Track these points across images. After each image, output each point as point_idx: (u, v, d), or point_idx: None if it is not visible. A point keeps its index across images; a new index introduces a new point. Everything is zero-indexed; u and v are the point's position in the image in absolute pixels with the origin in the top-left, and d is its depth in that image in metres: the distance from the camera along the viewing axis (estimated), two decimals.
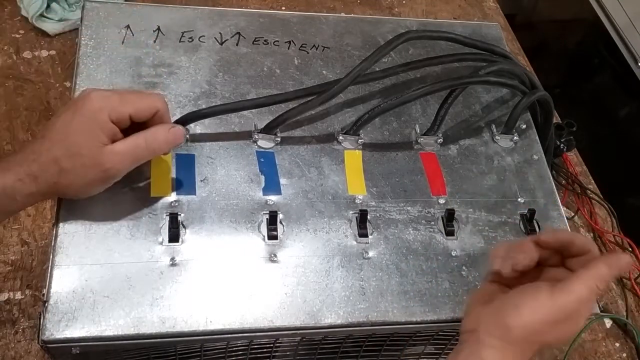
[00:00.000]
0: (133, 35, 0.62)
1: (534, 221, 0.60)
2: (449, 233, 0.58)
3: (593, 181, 0.95)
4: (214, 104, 0.59)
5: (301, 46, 0.67)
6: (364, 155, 0.61)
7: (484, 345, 0.44)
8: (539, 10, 1.65)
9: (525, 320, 0.43)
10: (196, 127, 0.58)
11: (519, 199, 0.61)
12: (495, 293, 0.47)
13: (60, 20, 0.90)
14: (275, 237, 0.54)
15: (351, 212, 0.57)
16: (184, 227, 0.53)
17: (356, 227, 0.56)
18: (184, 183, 0.55)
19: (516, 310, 0.44)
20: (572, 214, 0.90)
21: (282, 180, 0.57)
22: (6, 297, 0.67)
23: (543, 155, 0.66)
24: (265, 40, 0.67)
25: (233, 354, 0.54)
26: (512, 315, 0.43)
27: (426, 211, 0.59)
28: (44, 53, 0.89)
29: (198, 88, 0.61)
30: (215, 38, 0.65)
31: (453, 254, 0.57)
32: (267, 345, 0.54)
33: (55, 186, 0.47)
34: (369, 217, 0.56)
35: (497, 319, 0.44)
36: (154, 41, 0.63)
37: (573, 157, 0.96)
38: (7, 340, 0.65)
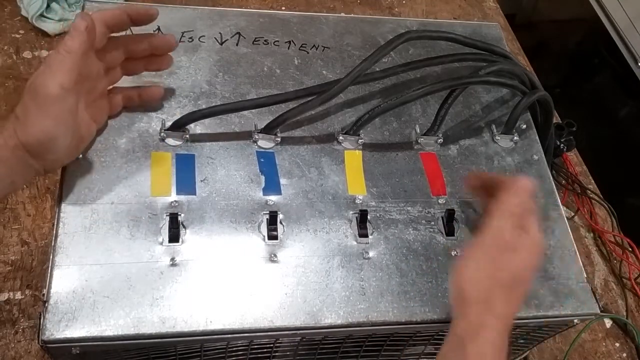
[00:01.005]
0: (132, 32, 0.62)
1: None
2: (449, 233, 0.58)
3: (593, 181, 0.95)
4: (214, 104, 0.59)
5: (301, 46, 0.67)
6: (364, 155, 0.61)
7: (455, 317, 0.47)
8: (539, 10, 1.65)
9: (470, 274, 0.47)
10: (196, 127, 0.58)
11: None
12: None
13: (60, 20, 0.90)
14: (275, 237, 0.54)
15: (351, 212, 0.57)
16: (184, 227, 0.53)
17: (356, 227, 0.56)
18: (184, 183, 0.55)
19: (462, 269, 0.48)
20: (572, 214, 0.90)
21: (282, 180, 0.57)
22: (6, 297, 0.68)
23: (543, 155, 0.66)
24: (265, 40, 0.67)
25: (233, 354, 0.54)
26: (460, 276, 0.48)
27: (426, 211, 0.59)
28: (44, 53, 0.89)
29: (198, 88, 0.61)
30: (215, 38, 0.65)
31: (453, 254, 0.57)
32: (267, 345, 0.54)
33: (17, 133, 0.47)
34: (369, 217, 0.56)
35: (454, 287, 0.48)
36: None
37: (573, 157, 0.96)
38: (7, 340, 0.65)
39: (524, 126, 0.67)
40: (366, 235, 0.56)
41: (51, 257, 0.49)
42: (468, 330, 0.45)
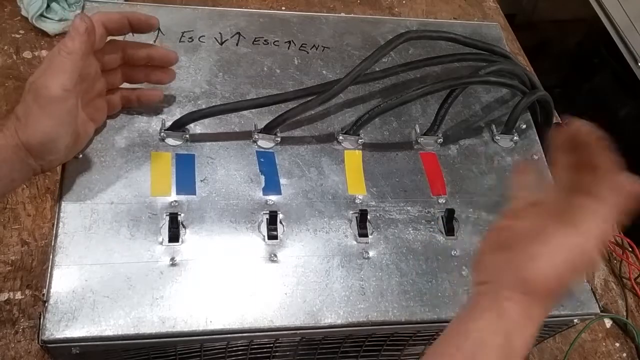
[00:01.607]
0: (133, 35, 0.62)
1: None
2: (449, 233, 0.58)
3: None
4: (214, 104, 0.59)
5: (301, 46, 0.67)
6: (364, 155, 0.61)
7: (504, 298, 0.41)
8: (539, 10, 1.65)
9: (543, 271, 0.41)
10: (196, 127, 0.58)
11: None
12: (507, 235, 0.43)
13: (60, 20, 0.90)
14: (275, 237, 0.54)
15: (351, 212, 0.57)
16: (184, 227, 0.53)
17: (356, 227, 0.56)
18: (184, 183, 0.55)
19: (532, 261, 0.41)
20: None
21: (282, 180, 0.57)
22: (6, 297, 0.67)
23: (543, 155, 0.66)
24: (265, 40, 0.67)
25: (233, 354, 0.54)
26: (529, 268, 0.41)
27: (426, 211, 0.59)
28: (44, 53, 0.89)
29: (198, 88, 0.61)
30: (215, 38, 0.65)
31: (453, 254, 0.57)
32: (267, 345, 0.54)
33: (17, 134, 0.47)
34: (369, 217, 0.56)
35: (513, 271, 0.41)
36: (154, 41, 0.63)
37: None
38: (7, 340, 0.65)
39: (524, 126, 0.67)
40: (366, 235, 0.56)
41: (51, 257, 0.49)
42: (523, 320, 0.40)
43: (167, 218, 0.52)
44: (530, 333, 0.41)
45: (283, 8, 1.06)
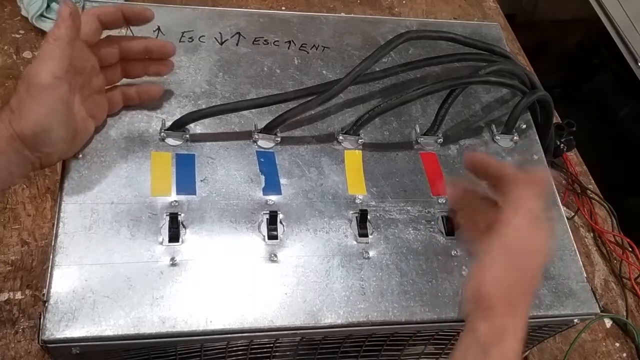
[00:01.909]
0: (133, 35, 0.62)
1: None
2: (449, 233, 0.58)
3: (593, 181, 0.95)
4: (214, 104, 0.59)
5: (301, 46, 0.67)
6: (364, 155, 0.61)
7: (475, 322, 0.44)
8: (539, 10, 1.65)
9: (489, 278, 0.44)
10: (196, 127, 0.58)
11: None
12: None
13: None
14: (275, 237, 0.54)
15: (351, 212, 0.57)
16: (184, 227, 0.53)
17: (356, 227, 0.56)
18: (184, 183, 0.55)
19: (479, 277, 0.45)
20: (572, 214, 0.90)
21: (282, 180, 0.57)
22: (6, 297, 0.67)
23: (543, 155, 0.66)
24: (265, 40, 0.67)
25: (233, 354, 0.54)
26: (479, 283, 0.44)
27: (426, 211, 0.59)
28: None
29: (198, 88, 0.61)
30: (215, 38, 0.65)
31: (453, 254, 0.57)
32: (267, 345, 0.54)
33: (12, 125, 0.47)
34: (369, 217, 0.56)
35: (472, 296, 0.45)
36: None
37: (573, 157, 0.96)
38: (7, 340, 0.65)
39: (524, 126, 0.67)
40: (366, 235, 0.56)
41: (51, 257, 0.49)
42: (492, 335, 0.43)
43: (167, 218, 0.52)
44: (509, 346, 0.43)
45: (283, 8, 1.06)
